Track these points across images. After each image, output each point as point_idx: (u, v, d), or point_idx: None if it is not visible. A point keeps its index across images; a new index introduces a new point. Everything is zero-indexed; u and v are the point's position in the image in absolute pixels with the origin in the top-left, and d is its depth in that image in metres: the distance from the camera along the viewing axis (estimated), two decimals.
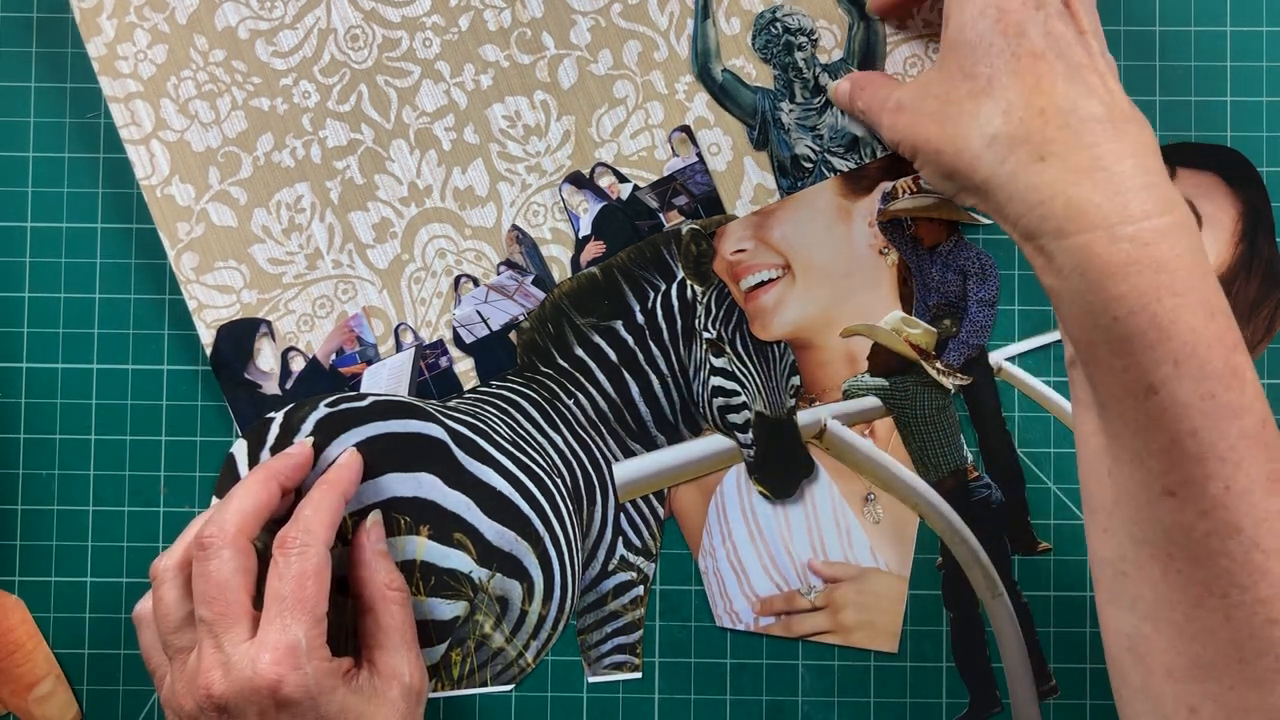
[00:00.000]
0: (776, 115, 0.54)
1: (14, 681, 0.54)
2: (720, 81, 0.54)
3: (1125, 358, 0.39)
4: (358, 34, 0.54)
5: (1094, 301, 0.40)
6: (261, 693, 0.43)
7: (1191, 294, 0.39)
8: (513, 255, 0.55)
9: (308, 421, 0.52)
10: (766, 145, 0.54)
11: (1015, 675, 0.54)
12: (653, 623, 0.55)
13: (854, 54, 0.54)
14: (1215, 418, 0.38)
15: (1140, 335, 0.39)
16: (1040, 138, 0.41)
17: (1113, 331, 0.39)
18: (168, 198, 0.54)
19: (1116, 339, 0.39)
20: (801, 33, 0.54)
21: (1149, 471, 0.40)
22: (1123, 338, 0.39)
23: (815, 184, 0.54)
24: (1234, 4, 0.55)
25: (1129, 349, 0.39)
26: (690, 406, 0.55)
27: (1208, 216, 0.55)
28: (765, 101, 0.54)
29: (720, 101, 0.55)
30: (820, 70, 0.54)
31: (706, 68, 0.54)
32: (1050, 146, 0.41)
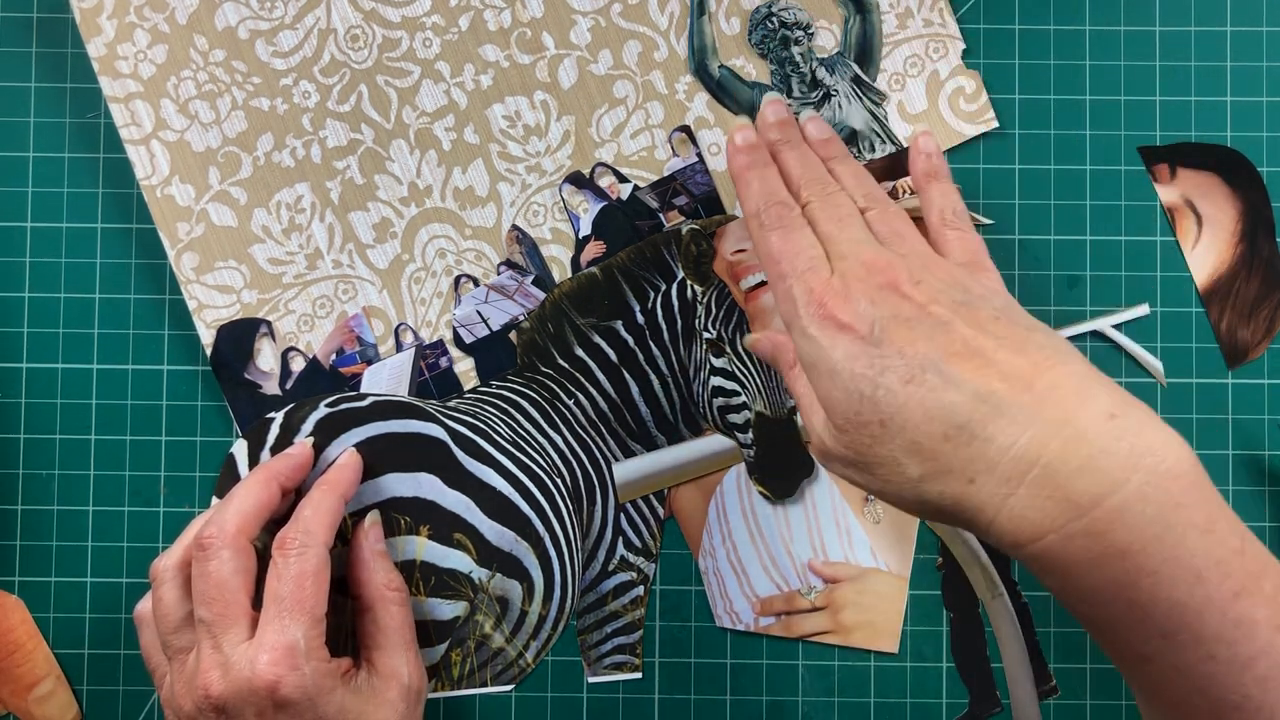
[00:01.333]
0: None
1: (14, 681, 0.54)
2: (718, 78, 0.54)
3: (1111, 636, 0.38)
4: (358, 34, 0.54)
5: (1069, 597, 0.38)
6: (260, 693, 0.43)
7: (1168, 566, 0.35)
8: (513, 255, 0.55)
9: (308, 421, 0.52)
10: None
11: (1015, 675, 0.54)
12: (653, 623, 0.55)
13: (850, 48, 0.54)
14: (1220, 676, 0.36)
15: (1120, 619, 0.36)
16: (958, 463, 0.38)
17: (1093, 618, 0.37)
18: (168, 198, 0.54)
19: (1099, 624, 0.38)
20: (798, 27, 0.54)
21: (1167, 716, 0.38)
22: (1103, 622, 0.37)
23: None
24: (1234, 4, 0.55)
25: (1113, 630, 0.37)
26: (690, 406, 0.55)
27: (1208, 216, 0.55)
28: (762, 97, 0.54)
29: (718, 98, 0.55)
30: (817, 65, 0.54)
31: (704, 64, 0.54)
32: (972, 467, 0.38)
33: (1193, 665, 0.36)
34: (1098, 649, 0.54)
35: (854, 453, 0.41)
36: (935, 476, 0.38)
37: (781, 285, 0.44)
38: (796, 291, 0.43)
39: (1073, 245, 0.55)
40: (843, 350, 0.40)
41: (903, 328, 0.40)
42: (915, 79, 0.55)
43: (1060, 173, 0.55)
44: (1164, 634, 0.36)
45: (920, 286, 0.41)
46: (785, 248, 0.45)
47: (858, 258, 0.43)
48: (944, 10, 0.54)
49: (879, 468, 0.40)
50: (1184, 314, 0.55)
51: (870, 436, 0.40)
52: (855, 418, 0.40)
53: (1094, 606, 0.37)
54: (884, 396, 0.39)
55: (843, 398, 0.40)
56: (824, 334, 0.41)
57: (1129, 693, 0.54)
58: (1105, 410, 0.37)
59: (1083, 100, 0.55)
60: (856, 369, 0.40)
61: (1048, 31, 0.55)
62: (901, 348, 0.39)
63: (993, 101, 0.55)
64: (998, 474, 0.37)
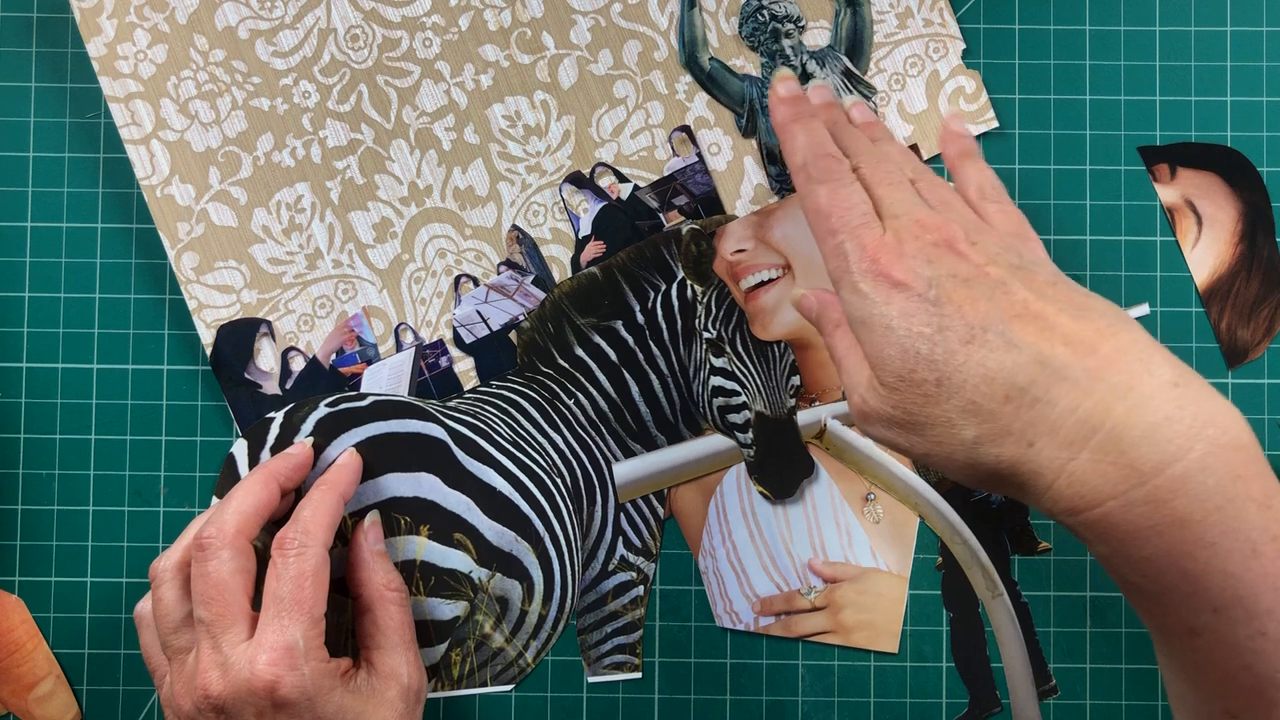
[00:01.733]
0: (764, 103, 0.54)
1: (14, 681, 0.54)
2: (708, 70, 0.54)
3: (1161, 607, 0.37)
4: (358, 34, 0.54)
5: (1122, 563, 0.37)
6: (259, 693, 0.43)
7: (1226, 538, 0.35)
8: (513, 255, 0.55)
9: (308, 421, 0.52)
10: (755, 133, 0.55)
11: (1015, 675, 0.54)
12: (653, 623, 0.55)
13: (841, 41, 0.54)
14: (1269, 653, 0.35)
15: (1173, 590, 0.36)
16: (1018, 425, 0.37)
17: (1144, 588, 0.37)
18: (168, 198, 0.54)
19: (1149, 594, 0.37)
20: (788, 19, 0.54)
21: (1206, 696, 0.38)
22: (1155, 592, 0.36)
23: None
24: (1234, 4, 0.55)
25: (1164, 602, 0.37)
26: (690, 406, 0.55)
27: (1208, 216, 0.55)
28: (753, 89, 0.54)
29: (708, 90, 0.54)
30: (808, 57, 0.54)
31: (694, 56, 0.54)
32: (1033, 430, 0.37)
33: (1242, 641, 0.35)
34: (1098, 649, 0.54)
35: (902, 412, 0.40)
36: (992, 439, 0.38)
37: (831, 241, 0.43)
38: (849, 247, 0.42)
39: (1073, 245, 0.55)
40: (898, 307, 0.39)
41: (961, 287, 0.39)
42: (915, 79, 0.55)
43: (1060, 173, 0.55)
44: (1216, 608, 0.35)
45: (976, 247, 0.41)
46: (835, 202, 0.43)
47: (911, 216, 0.42)
48: (944, 10, 0.54)
49: (930, 429, 0.39)
50: (1184, 314, 0.55)
51: (923, 396, 0.39)
52: (909, 375, 0.39)
53: (1147, 576, 0.36)
54: (942, 355, 0.38)
55: (896, 355, 0.39)
56: (878, 291, 0.40)
57: (1129, 693, 0.54)
58: (1169, 379, 0.36)
59: (1083, 100, 0.55)
60: (914, 327, 0.39)
61: (1048, 31, 0.55)
62: (960, 306, 0.39)
63: (993, 101, 0.55)
64: (1060, 438, 0.37)
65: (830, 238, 0.43)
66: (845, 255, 0.42)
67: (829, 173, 0.45)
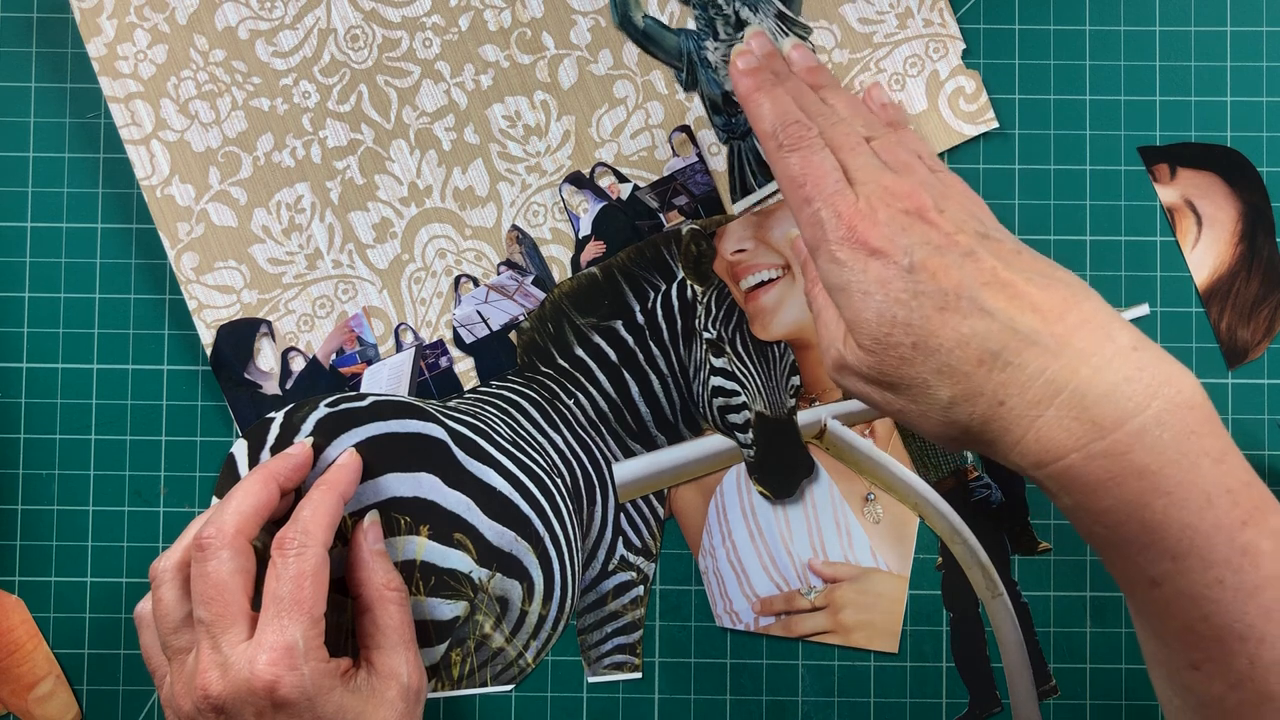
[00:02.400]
0: (702, 55, 0.54)
1: (14, 681, 0.54)
2: (643, 28, 0.54)
3: (1123, 558, 0.39)
4: (358, 34, 0.54)
5: (1084, 515, 0.39)
6: (258, 693, 0.43)
7: (1181, 488, 0.37)
8: (513, 255, 0.55)
9: (308, 421, 0.52)
10: (696, 86, 0.55)
11: (1015, 675, 0.54)
12: (653, 623, 0.55)
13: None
14: (1226, 602, 0.37)
15: (1132, 540, 0.38)
16: (990, 386, 0.39)
17: (1106, 538, 0.39)
18: (168, 198, 0.54)
19: (1112, 543, 0.39)
20: None
21: (1171, 648, 0.39)
22: (1116, 543, 0.38)
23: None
24: (1234, 4, 0.55)
25: (1125, 552, 0.38)
26: (690, 406, 0.55)
27: (1208, 216, 0.55)
28: (689, 43, 0.54)
29: (645, 48, 0.54)
30: (740, 5, 0.54)
31: (627, 16, 0.54)
32: (1004, 390, 0.39)
33: (1200, 590, 0.37)
34: (1098, 649, 0.54)
35: (878, 372, 0.41)
36: (966, 399, 0.40)
37: (807, 209, 0.44)
38: (824, 215, 0.43)
39: (1073, 245, 0.55)
40: (875, 274, 0.41)
41: (934, 255, 0.41)
42: (915, 79, 0.55)
43: (1060, 173, 0.55)
44: (1174, 556, 0.37)
45: (944, 215, 0.42)
46: (808, 170, 0.44)
47: (878, 183, 0.43)
48: (944, 10, 0.54)
49: (906, 389, 0.41)
50: (1184, 314, 0.55)
51: (899, 358, 0.40)
52: (886, 339, 0.41)
53: (1108, 527, 0.38)
54: (918, 321, 0.40)
55: (873, 319, 0.41)
56: (855, 258, 0.41)
57: (1129, 692, 0.54)
58: (1129, 344, 0.39)
59: (1083, 100, 0.55)
60: (890, 293, 0.40)
61: (1048, 31, 0.55)
62: (934, 273, 0.40)
63: (993, 101, 0.55)
64: (1028, 397, 0.38)
65: (805, 206, 0.44)
66: (821, 223, 0.43)
67: (799, 140, 0.45)
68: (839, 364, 0.43)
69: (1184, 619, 0.38)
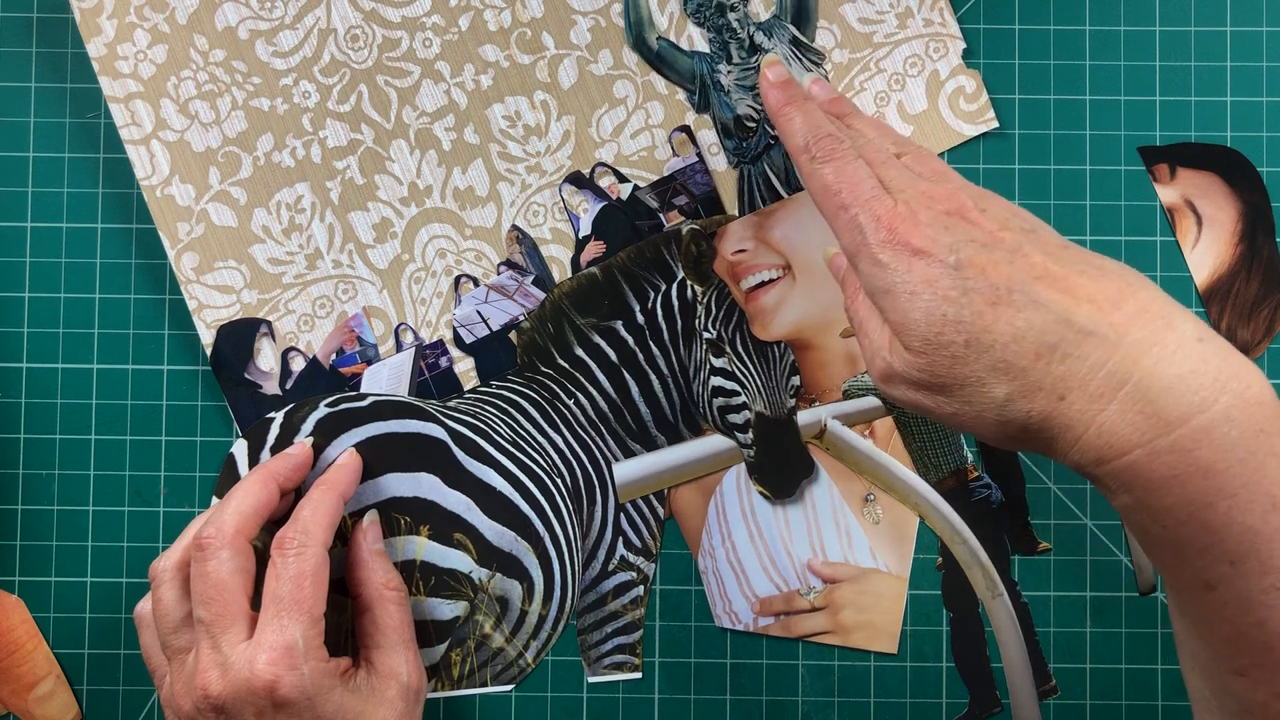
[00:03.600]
0: (715, 78, 0.54)
1: (14, 681, 0.54)
2: (656, 50, 0.54)
3: (1179, 558, 0.37)
4: (358, 34, 0.54)
5: (1143, 513, 0.37)
6: (258, 693, 0.43)
7: (1247, 490, 0.36)
8: (513, 255, 0.55)
9: (308, 421, 0.52)
10: (708, 108, 0.55)
11: (1015, 675, 0.54)
12: (653, 623, 0.55)
13: (786, 10, 0.54)
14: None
15: (1192, 541, 0.36)
16: (1049, 381, 0.38)
17: (1164, 539, 0.37)
18: (168, 198, 0.54)
19: (1169, 544, 0.37)
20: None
21: (1216, 652, 0.38)
22: (1174, 543, 0.37)
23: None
24: (1234, 4, 0.55)
25: (1181, 552, 0.37)
26: (690, 406, 0.55)
27: (1208, 216, 0.55)
28: (703, 65, 0.54)
29: (658, 69, 0.54)
30: (755, 29, 0.54)
31: (641, 37, 0.54)
32: (1066, 384, 0.38)
33: (1255, 596, 0.36)
34: (1098, 649, 0.54)
35: (929, 375, 0.40)
36: (1024, 395, 0.38)
37: (844, 216, 0.43)
38: (863, 219, 0.42)
39: None
40: (920, 274, 0.40)
41: (981, 252, 0.40)
42: (915, 79, 0.55)
43: (1060, 173, 0.55)
44: (1232, 560, 0.36)
45: (986, 214, 0.41)
46: (843, 178, 0.44)
47: (916, 189, 0.42)
48: (944, 10, 0.54)
49: (960, 389, 0.40)
50: None
51: (951, 357, 0.39)
52: (936, 339, 0.40)
53: (1167, 527, 0.37)
54: (969, 316, 0.39)
55: (922, 320, 0.40)
56: (898, 260, 0.41)
57: (1129, 693, 0.54)
58: (1193, 334, 0.37)
59: (1083, 100, 0.55)
60: (938, 291, 0.40)
61: (1048, 31, 0.55)
62: (983, 269, 0.39)
63: (993, 101, 0.55)
64: (1089, 391, 0.37)
65: (842, 213, 0.43)
66: (861, 228, 0.42)
67: (832, 152, 0.45)
68: (886, 373, 0.42)
69: (1236, 624, 0.37)
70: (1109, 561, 0.55)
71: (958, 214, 0.41)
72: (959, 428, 0.42)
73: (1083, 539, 0.55)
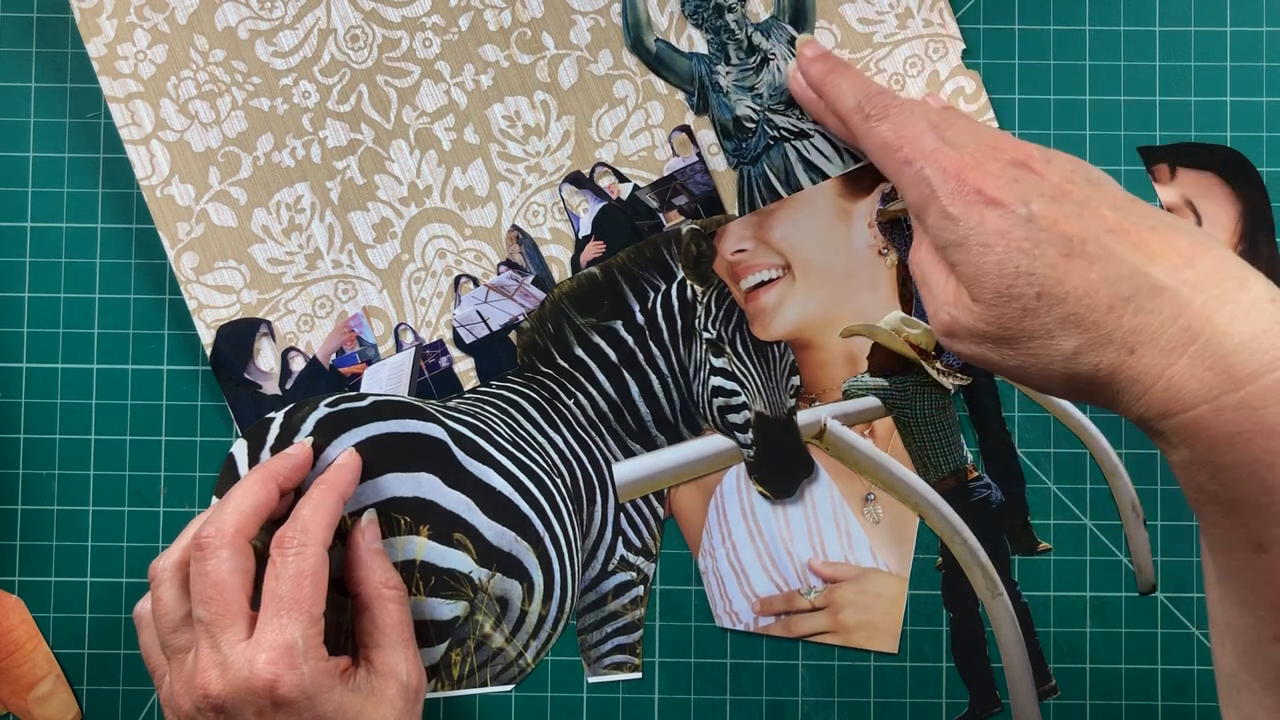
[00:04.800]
0: (714, 79, 0.54)
1: (14, 681, 0.54)
2: (654, 51, 0.54)
3: (1232, 517, 0.37)
4: (358, 34, 0.54)
5: (1201, 470, 0.37)
6: (258, 692, 0.43)
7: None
8: (513, 255, 0.55)
9: (308, 421, 0.52)
10: (707, 110, 0.55)
11: (1015, 675, 0.54)
12: (653, 623, 0.55)
13: (784, 11, 0.54)
14: None
15: (1249, 500, 0.36)
16: (1120, 334, 0.38)
17: (1220, 496, 0.37)
18: (168, 198, 0.54)
19: (1224, 502, 0.37)
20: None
21: (1259, 619, 0.38)
22: (1230, 501, 0.37)
23: (816, 185, 0.54)
24: (1234, 4, 0.55)
25: (1236, 511, 0.37)
26: (690, 406, 0.55)
27: (1208, 216, 0.55)
28: (701, 67, 0.54)
29: (656, 71, 0.54)
30: (753, 30, 0.54)
31: (639, 39, 0.54)
32: (1137, 337, 0.38)
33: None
34: (1098, 649, 0.54)
35: (998, 327, 0.40)
36: (1094, 348, 0.38)
37: (909, 171, 0.43)
38: (929, 172, 0.42)
39: None
40: (994, 225, 0.40)
41: (1051, 204, 0.40)
42: (915, 79, 0.55)
43: None
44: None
45: (1051, 166, 0.41)
46: (903, 133, 0.43)
47: (978, 141, 0.42)
48: (944, 10, 0.54)
49: (1028, 342, 0.40)
50: None
51: (1022, 309, 0.39)
52: (1008, 290, 0.39)
53: (1225, 485, 0.37)
54: (1042, 269, 0.39)
55: (994, 271, 0.40)
56: (970, 211, 0.40)
57: (1129, 693, 0.54)
58: (1265, 295, 0.37)
59: (1083, 100, 0.55)
60: (1011, 243, 0.39)
61: (1048, 31, 0.55)
62: (1055, 221, 0.39)
63: (993, 101, 0.55)
64: (1161, 345, 0.37)
65: (906, 168, 0.43)
66: (928, 180, 0.42)
67: (887, 108, 0.45)
68: (949, 328, 0.42)
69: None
70: (1109, 561, 0.55)
71: (1024, 165, 0.41)
72: (1022, 380, 0.41)
73: (1083, 539, 0.55)
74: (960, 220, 0.41)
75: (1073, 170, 0.41)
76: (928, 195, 0.42)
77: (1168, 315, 0.37)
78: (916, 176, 0.42)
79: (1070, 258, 0.39)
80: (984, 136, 0.43)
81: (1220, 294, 0.37)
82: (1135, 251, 0.38)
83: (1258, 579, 0.37)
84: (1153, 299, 0.37)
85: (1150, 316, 0.37)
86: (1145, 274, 0.38)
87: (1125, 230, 0.39)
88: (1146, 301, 0.38)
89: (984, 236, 0.40)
